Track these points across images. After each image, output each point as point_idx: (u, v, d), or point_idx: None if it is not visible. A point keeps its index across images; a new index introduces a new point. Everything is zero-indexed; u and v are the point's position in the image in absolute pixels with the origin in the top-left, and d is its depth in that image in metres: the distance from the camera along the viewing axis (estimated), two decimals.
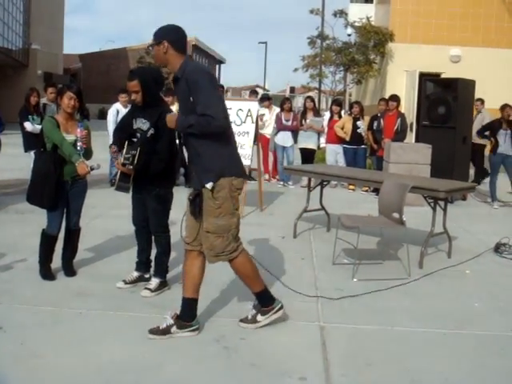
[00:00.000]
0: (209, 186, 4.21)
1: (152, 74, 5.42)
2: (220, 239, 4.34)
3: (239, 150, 9.08)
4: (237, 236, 4.49)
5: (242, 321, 4.70)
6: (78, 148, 5.57)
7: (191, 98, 4.15)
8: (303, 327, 4.76)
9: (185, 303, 4.53)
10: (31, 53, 37.79)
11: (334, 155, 12.99)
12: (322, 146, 13.40)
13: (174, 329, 4.45)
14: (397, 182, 6.73)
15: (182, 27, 4.50)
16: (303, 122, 12.92)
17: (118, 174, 5.30)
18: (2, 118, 9.65)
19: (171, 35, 4.39)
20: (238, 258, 4.50)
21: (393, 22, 22.07)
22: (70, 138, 5.60)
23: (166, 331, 4.45)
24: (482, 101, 13.88)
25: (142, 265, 5.69)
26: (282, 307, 4.71)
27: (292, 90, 50.36)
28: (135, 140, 5.30)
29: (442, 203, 6.96)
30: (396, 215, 6.44)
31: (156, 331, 4.44)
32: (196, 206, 4.32)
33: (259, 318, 4.65)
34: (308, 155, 12.97)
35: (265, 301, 4.67)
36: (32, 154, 9.11)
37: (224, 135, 4.27)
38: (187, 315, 4.51)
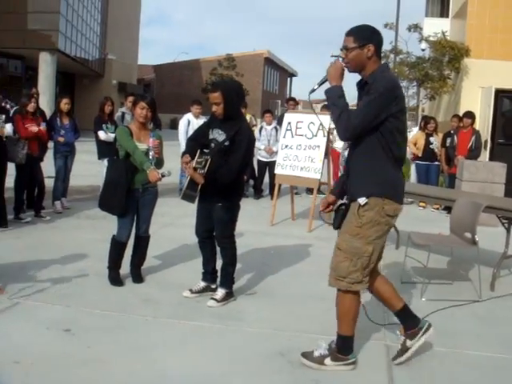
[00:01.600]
0: (361, 201, 3.88)
1: (234, 87, 5.44)
2: (347, 262, 3.96)
3: (310, 164, 9.17)
4: (366, 269, 4.02)
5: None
6: (150, 157, 5.65)
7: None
8: (369, 345, 4.66)
9: (401, 312, 4.34)
10: (107, 63, 38.76)
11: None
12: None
13: (408, 342, 4.27)
14: (470, 201, 6.55)
15: None
16: None
17: (186, 182, 5.31)
18: (77, 126, 9.90)
19: (378, 37, 3.97)
20: (351, 296, 4.05)
21: (469, 37, 21.65)
22: (142, 146, 5.69)
23: (404, 349, 4.27)
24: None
25: (208, 275, 5.71)
26: (354, 362, 4.21)
27: None
28: (208, 151, 5.32)
29: None
30: (468, 235, 6.27)
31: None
32: (339, 217, 4.11)
33: (327, 361, 4.18)
34: None
35: (344, 349, 4.18)
36: (105, 161, 9.29)
37: (392, 156, 3.92)
38: (413, 321, 4.33)
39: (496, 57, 20.83)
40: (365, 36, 3.91)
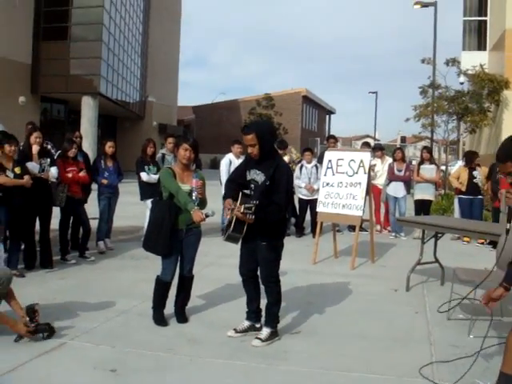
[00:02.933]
0: None
1: (267, 126, 5.50)
2: None
3: (351, 201, 9.16)
4: None
5: None
6: (194, 197, 5.70)
7: None
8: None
9: (503, 379, 4.09)
10: (147, 105, 39.43)
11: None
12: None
13: None
14: None
15: None
16: (420, 173, 12.67)
17: (232, 224, 5.29)
18: (121, 168, 10.06)
19: None
20: None
21: (508, 69, 21.52)
22: (185, 187, 5.75)
23: None
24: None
25: (253, 314, 5.69)
26: None
27: (403, 139, 49.76)
28: (247, 191, 5.35)
29: None
30: None
31: None
32: None
33: None
34: (424, 206, 12.64)
35: None
36: (148, 202, 9.42)
37: None
38: None
39: None
40: (508, 154, 3.92)
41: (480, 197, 12.21)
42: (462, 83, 24.36)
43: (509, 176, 3.89)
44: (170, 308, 6.03)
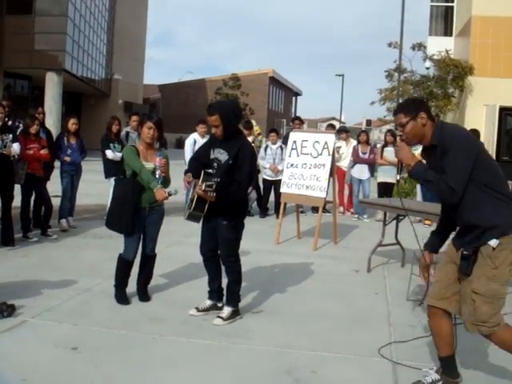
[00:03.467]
0: (493, 243, 3.80)
1: (231, 107, 5.49)
2: (488, 306, 3.83)
3: (315, 183, 9.22)
4: (501, 309, 3.93)
5: None
6: (157, 176, 5.70)
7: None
8: (376, 363, 4.67)
9: (444, 362, 4.21)
10: (113, 82, 39.00)
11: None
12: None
13: None
14: None
15: None
16: (383, 155, 12.79)
17: (194, 202, 5.32)
18: (84, 146, 9.97)
19: (424, 104, 4.16)
20: (500, 332, 3.90)
21: (472, 56, 21.75)
22: (149, 166, 5.74)
23: None
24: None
25: (214, 293, 5.73)
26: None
27: (368, 122, 50.14)
28: (211, 170, 5.36)
29: None
30: None
31: None
32: (470, 263, 3.92)
33: None
34: (386, 189, 12.77)
35: None
36: (112, 180, 9.35)
37: (501, 194, 3.88)
38: (451, 372, 4.21)
39: (499, 75, 20.93)
40: (413, 107, 4.04)
41: None
42: (427, 68, 24.57)
43: (400, 128, 4.05)
44: (132, 286, 6.03)
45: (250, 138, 11.78)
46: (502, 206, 3.86)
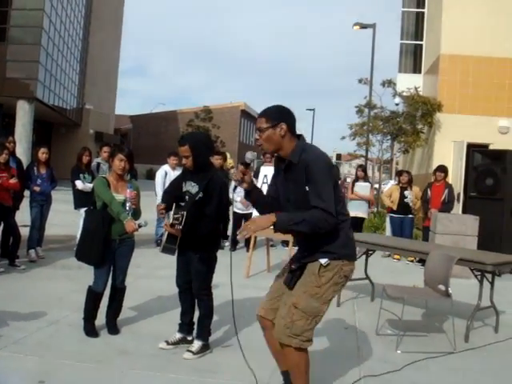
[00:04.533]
0: (323, 261, 3.91)
1: (202, 139, 5.54)
2: (303, 321, 3.93)
3: None
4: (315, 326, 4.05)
5: None
6: (127, 208, 5.70)
7: (307, 188, 3.84)
8: None
9: (286, 376, 4.27)
10: (84, 112, 38.93)
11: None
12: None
13: None
14: (443, 254, 6.66)
15: None
16: (354, 190, 12.90)
17: (165, 235, 5.36)
18: (54, 175, 9.92)
19: (289, 116, 4.07)
20: (305, 351, 4.03)
21: (441, 93, 22.12)
22: (119, 197, 5.74)
23: None
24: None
25: (185, 326, 5.70)
26: None
27: (338, 157, 50.50)
28: (183, 204, 5.39)
29: (489, 276, 6.83)
30: (442, 287, 6.35)
31: None
32: (294, 277, 4.04)
33: None
34: (357, 223, 12.86)
35: None
36: (81, 211, 9.30)
37: (344, 217, 4.01)
38: None
39: (467, 112, 21.31)
40: (276, 116, 4.00)
41: (410, 216, 12.52)
42: (397, 104, 24.92)
43: (258, 132, 4.02)
44: (101, 319, 5.97)
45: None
46: (340, 233, 3.94)
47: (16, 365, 4.89)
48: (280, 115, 4.02)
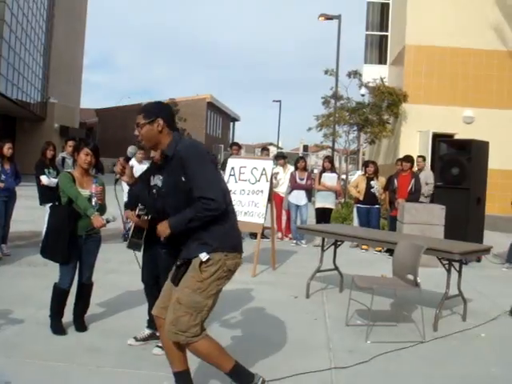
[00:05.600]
0: (203, 256, 3.89)
1: None
2: (188, 316, 3.91)
3: (253, 209, 9.24)
4: (204, 321, 4.02)
5: None
6: (93, 203, 5.62)
7: (183, 178, 3.89)
8: None
9: (178, 377, 4.20)
10: (49, 106, 38.46)
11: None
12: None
13: None
14: (411, 244, 6.69)
15: None
16: (321, 181, 12.92)
17: (131, 230, 5.30)
18: (18, 171, 9.77)
19: (165, 111, 4.15)
20: (197, 344, 3.97)
21: (406, 83, 22.32)
22: (85, 193, 5.66)
23: None
24: (423, 158, 14.08)
25: (153, 322, 5.63)
26: (264, 381, 4.20)
27: (305, 148, 50.64)
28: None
29: (456, 265, 6.91)
30: (410, 277, 6.38)
31: None
32: (179, 273, 4.04)
33: None
34: (324, 214, 12.91)
35: (243, 379, 4.14)
36: (47, 207, 9.17)
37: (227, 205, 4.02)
38: (247, 381, 4.14)
39: (432, 102, 21.55)
40: (153, 111, 4.07)
41: (377, 206, 12.60)
42: (362, 95, 25.08)
43: (137, 128, 4.08)
44: (68, 316, 5.89)
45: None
46: (218, 223, 3.95)
47: None
48: (157, 111, 4.08)
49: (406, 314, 7.19)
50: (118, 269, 8.85)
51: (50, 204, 7.54)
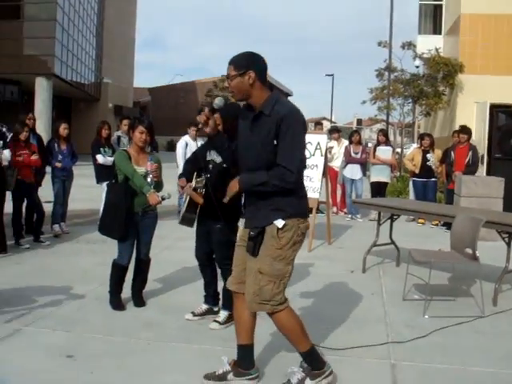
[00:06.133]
0: (278, 223, 3.83)
1: (233, 108, 5.45)
2: (271, 285, 3.90)
3: (308, 183, 9.19)
4: (285, 289, 4.01)
5: None
6: (149, 181, 5.66)
7: (274, 140, 3.76)
8: (374, 365, 4.64)
9: (240, 350, 4.23)
10: (103, 86, 38.93)
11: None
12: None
13: (230, 376, 4.19)
14: (469, 217, 6.55)
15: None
16: (376, 155, 12.78)
17: (185, 205, 5.30)
18: (75, 151, 9.92)
19: (258, 64, 3.92)
20: (283, 313, 3.98)
21: (462, 53, 21.77)
22: (140, 170, 5.70)
23: (222, 377, 4.19)
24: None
25: (210, 298, 5.69)
26: (331, 372, 4.16)
27: (359, 122, 50.15)
28: (206, 174, 5.32)
29: None
30: (469, 250, 6.27)
31: (212, 377, 4.20)
32: (256, 243, 3.96)
33: (308, 382, 4.09)
34: (380, 188, 12.78)
35: (314, 363, 4.12)
36: (104, 185, 9.31)
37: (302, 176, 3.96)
38: (245, 363, 4.21)
39: (489, 72, 20.96)
40: (244, 63, 3.88)
41: (433, 179, 12.37)
42: (417, 67, 24.58)
43: (227, 79, 3.94)
44: (127, 292, 5.99)
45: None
46: (293, 191, 3.87)
47: (44, 340, 4.92)
48: (249, 63, 3.88)
49: (465, 288, 7.08)
50: (173, 245, 8.95)
51: (106, 182, 7.67)
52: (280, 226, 3.85)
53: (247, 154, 3.99)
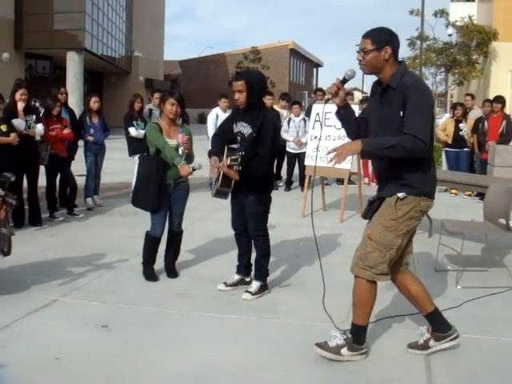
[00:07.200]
0: (400, 195, 3.87)
1: (258, 77, 5.45)
2: (377, 253, 3.97)
3: None
4: (391, 262, 4.06)
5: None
6: (180, 152, 5.68)
7: (400, 112, 3.77)
8: (406, 334, 4.64)
9: (430, 319, 4.32)
10: (133, 60, 38.97)
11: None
12: None
13: (432, 342, 4.27)
14: (503, 187, 6.48)
15: None
16: None
17: (220, 178, 5.30)
18: (107, 124, 9.99)
19: (395, 40, 3.93)
20: (374, 286, 4.10)
21: (496, 20, 21.38)
22: (172, 142, 5.72)
23: (425, 346, 4.28)
24: (472, 96, 13.42)
25: (243, 268, 5.73)
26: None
27: None
28: (235, 145, 5.33)
29: None
30: (502, 221, 6.20)
31: (415, 346, 4.30)
32: (371, 208, 4.09)
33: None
34: None
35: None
36: (136, 158, 9.37)
37: (430, 153, 3.94)
38: (442, 326, 4.29)
39: None
40: (382, 38, 3.87)
41: (466, 149, 12.19)
42: (450, 35, 24.22)
43: (362, 53, 3.92)
44: (160, 263, 6.06)
45: (284, 111, 12.05)
46: (424, 168, 3.89)
47: (79, 311, 5.01)
48: (386, 38, 3.89)
49: (498, 259, 7.01)
50: (205, 217, 9.00)
51: (138, 155, 7.73)
52: (401, 197, 3.89)
53: (378, 129, 4.00)
